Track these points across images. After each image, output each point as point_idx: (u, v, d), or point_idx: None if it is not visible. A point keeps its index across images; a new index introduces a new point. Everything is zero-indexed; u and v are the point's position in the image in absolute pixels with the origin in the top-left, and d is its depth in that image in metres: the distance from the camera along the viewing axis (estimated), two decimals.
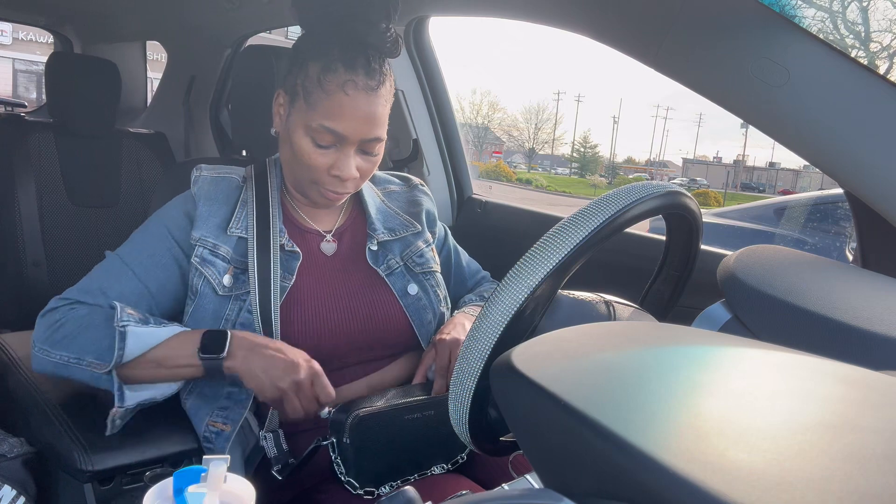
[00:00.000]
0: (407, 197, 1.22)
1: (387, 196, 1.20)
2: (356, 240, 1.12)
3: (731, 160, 63.61)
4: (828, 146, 0.91)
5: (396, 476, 0.97)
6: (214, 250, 1.00)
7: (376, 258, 1.10)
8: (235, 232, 1.02)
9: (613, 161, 64.56)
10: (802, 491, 0.29)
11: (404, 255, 1.13)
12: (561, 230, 0.61)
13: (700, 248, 0.80)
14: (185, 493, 0.68)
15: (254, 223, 1.03)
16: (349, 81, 0.94)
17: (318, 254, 1.08)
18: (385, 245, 1.12)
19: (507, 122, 61.64)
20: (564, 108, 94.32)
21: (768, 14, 0.90)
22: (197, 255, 1.00)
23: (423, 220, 1.19)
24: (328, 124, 0.95)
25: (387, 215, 1.16)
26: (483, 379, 0.59)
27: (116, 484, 0.91)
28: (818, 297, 0.68)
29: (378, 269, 1.09)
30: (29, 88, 21.52)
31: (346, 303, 1.05)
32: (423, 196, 1.23)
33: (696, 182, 47.05)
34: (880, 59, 16.16)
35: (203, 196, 1.04)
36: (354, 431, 0.92)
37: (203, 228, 1.01)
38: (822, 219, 3.49)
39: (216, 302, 0.99)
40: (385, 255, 1.11)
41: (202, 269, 1.00)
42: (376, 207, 1.16)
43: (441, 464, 1.01)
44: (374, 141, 0.99)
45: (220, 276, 1.00)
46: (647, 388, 0.39)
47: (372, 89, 0.96)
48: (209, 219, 1.02)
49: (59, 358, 0.94)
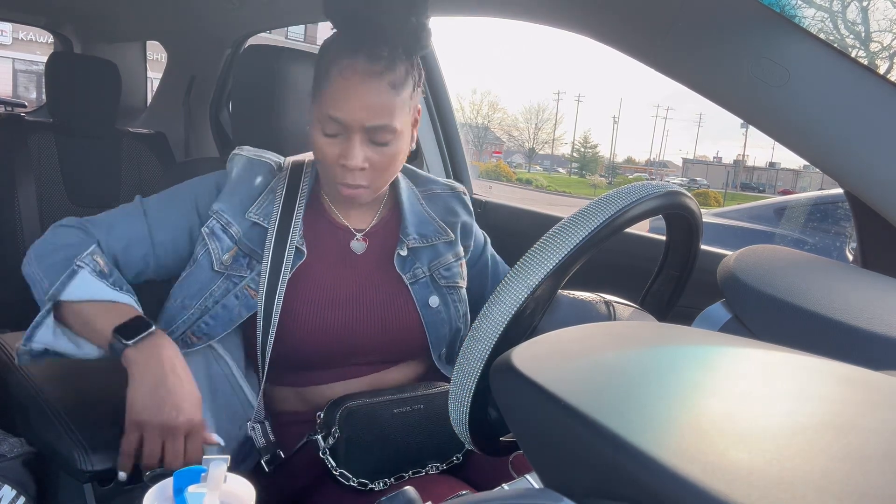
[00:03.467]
0: (446, 203, 1.19)
1: (427, 198, 1.17)
2: (388, 241, 1.11)
3: (731, 160, 63.64)
4: (828, 146, 0.91)
5: (389, 472, 0.97)
6: (226, 227, 1.02)
7: (404, 264, 1.08)
8: (252, 217, 1.03)
9: (613, 161, 64.56)
10: (802, 491, 0.29)
11: (432, 265, 1.11)
12: (561, 230, 0.61)
13: (700, 248, 0.80)
14: (185, 493, 0.68)
15: (277, 211, 1.03)
16: (348, 66, 0.93)
17: (347, 252, 1.07)
18: (415, 252, 1.10)
19: (507, 122, 61.67)
20: (564, 108, 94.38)
21: (768, 14, 0.89)
22: (208, 226, 1.02)
23: (458, 230, 1.17)
24: (330, 111, 0.95)
25: (422, 219, 1.13)
26: (483, 379, 0.59)
27: (116, 484, 0.91)
28: (818, 297, 0.68)
29: (403, 277, 1.08)
30: (29, 88, 21.52)
31: (365, 303, 1.04)
32: (462, 206, 1.20)
33: (696, 182, 47.05)
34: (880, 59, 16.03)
35: (235, 174, 1.06)
36: (345, 423, 0.94)
37: (224, 203, 1.03)
38: (822, 219, 3.49)
39: (209, 276, 1.01)
40: (413, 262, 1.09)
41: (208, 240, 1.01)
42: (412, 209, 1.14)
43: (436, 463, 1.01)
44: (380, 129, 0.95)
45: (222, 253, 1.01)
46: (647, 389, 0.39)
47: (374, 74, 0.93)
48: (233, 196, 1.04)
49: (30, 271, 0.97)
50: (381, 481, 0.96)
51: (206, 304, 1.00)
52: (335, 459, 0.95)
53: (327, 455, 0.95)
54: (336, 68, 0.94)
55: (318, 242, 1.06)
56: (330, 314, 1.02)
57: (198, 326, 1.00)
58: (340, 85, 0.94)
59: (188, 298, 1.01)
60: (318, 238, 1.06)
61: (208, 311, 1.00)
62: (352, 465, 0.95)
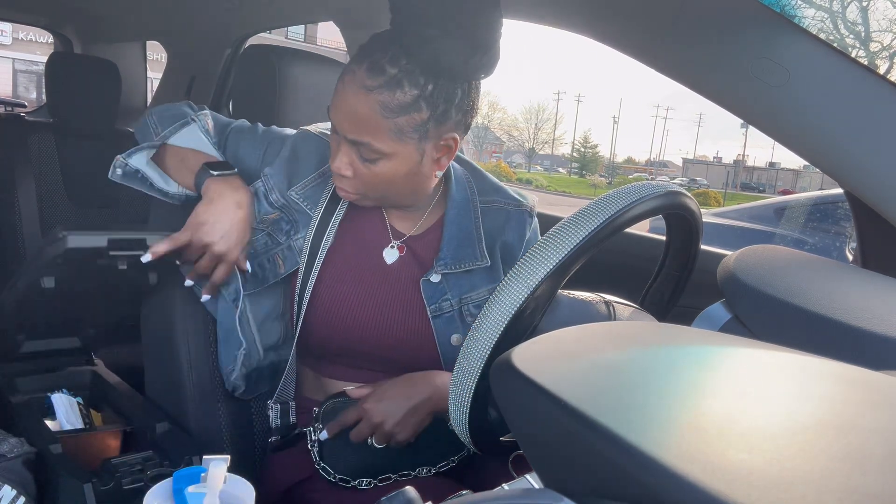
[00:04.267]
0: (505, 221, 1.08)
1: (485, 211, 1.07)
2: (426, 255, 1.04)
3: (731, 160, 63.66)
4: (828, 146, 0.91)
5: (373, 472, 0.97)
6: (268, 193, 1.03)
7: (433, 292, 1.02)
8: (294, 196, 1.03)
9: (613, 161, 64.58)
10: (802, 491, 0.29)
11: (464, 298, 1.03)
12: (561, 230, 0.61)
13: (700, 248, 0.80)
14: (185, 493, 0.68)
15: (326, 198, 1.03)
16: (349, 71, 0.91)
17: (379, 258, 1.04)
18: (448, 279, 1.02)
19: (507, 121, 61.66)
20: (564, 108, 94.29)
21: (768, 14, 0.89)
22: (254, 186, 1.04)
23: (498, 254, 1.07)
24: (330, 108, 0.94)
25: (466, 236, 1.04)
26: (483, 379, 0.59)
27: (116, 484, 0.91)
28: (818, 297, 0.68)
29: (427, 309, 1.01)
30: (29, 88, 21.52)
31: (382, 321, 1.01)
32: (519, 226, 1.09)
33: (696, 182, 47.05)
34: (880, 59, 16.04)
35: (293, 146, 1.05)
36: (326, 418, 0.95)
37: (275, 168, 1.04)
38: (822, 219, 3.49)
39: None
40: (443, 291, 1.02)
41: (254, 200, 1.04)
42: (459, 223, 1.04)
43: (426, 467, 1.00)
44: (361, 146, 0.91)
45: (260, 213, 1.03)
46: (647, 389, 0.39)
47: (366, 88, 0.88)
48: (286, 166, 1.04)
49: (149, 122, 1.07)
50: (366, 480, 0.96)
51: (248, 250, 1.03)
52: (320, 454, 0.96)
53: (314, 448, 0.96)
54: (346, 67, 0.93)
55: (358, 237, 1.04)
56: (347, 315, 1.01)
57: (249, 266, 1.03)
58: (338, 87, 0.92)
59: None
60: (359, 233, 1.04)
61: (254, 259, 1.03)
62: (332, 460, 0.96)
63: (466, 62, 0.87)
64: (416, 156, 0.93)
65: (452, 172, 1.07)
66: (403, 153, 0.92)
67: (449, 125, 0.92)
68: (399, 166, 0.93)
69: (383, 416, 0.94)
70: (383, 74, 0.88)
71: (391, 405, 0.94)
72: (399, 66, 0.87)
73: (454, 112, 0.91)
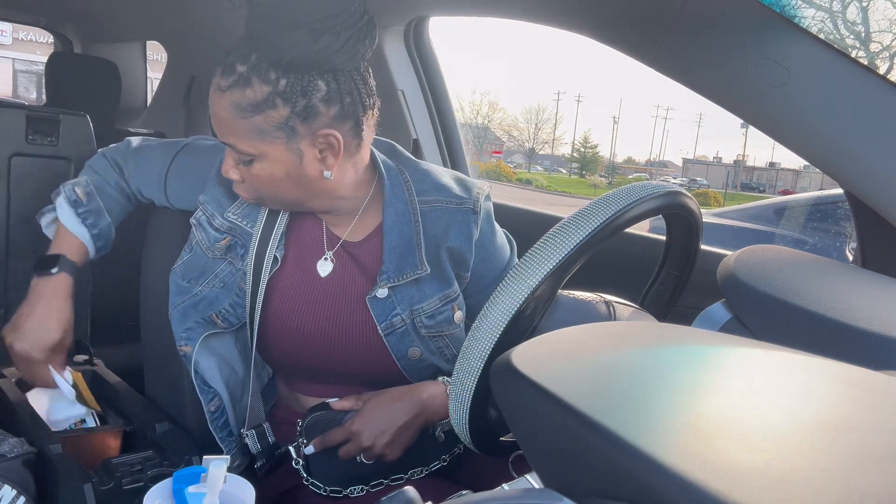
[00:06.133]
0: (448, 223, 1.00)
1: (426, 213, 1.00)
2: (367, 267, 0.99)
3: (731, 160, 63.61)
4: (828, 146, 0.91)
5: (362, 479, 0.96)
6: (211, 219, 1.00)
7: (380, 309, 0.97)
8: (231, 217, 0.99)
9: (613, 161, 64.54)
10: (802, 491, 0.29)
11: (415, 310, 0.98)
12: (561, 230, 0.61)
13: (700, 248, 0.80)
14: (185, 493, 0.68)
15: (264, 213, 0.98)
16: (215, 74, 0.90)
17: (311, 271, 0.99)
18: (396, 291, 0.97)
19: (507, 121, 61.64)
20: (564, 108, 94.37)
21: (768, 14, 0.89)
22: (196, 217, 1.02)
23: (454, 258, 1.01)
24: None
25: (407, 244, 0.97)
26: (483, 379, 0.59)
27: (116, 484, 0.91)
28: (818, 297, 0.68)
29: (378, 327, 0.97)
30: (29, 88, 21.51)
31: (331, 338, 0.97)
32: (466, 228, 1.01)
33: (696, 182, 47.02)
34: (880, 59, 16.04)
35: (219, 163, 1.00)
36: (309, 433, 0.94)
37: (209, 194, 1.01)
38: (822, 219, 3.49)
39: (207, 261, 1.01)
40: (391, 307, 0.97)
41: (195, 231, 1.02)
42: (399, 230, 0.97)
43: (417, 468, 0.99)
44: (231, 147, 0.90)
45: (210, 242, 1.00)
46: (647, 389, 0.39)
47: (220, 89, 0.87)
48: (219, 187, 1.01)
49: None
50: (358, 488, 0.96)
51: (215, 286, 1.00)
52: (307, 469, 0.95)
53: (300, 466, 0.95)
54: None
55: (300, 248, 1.01)
56: (296, 333, 0.98)
57: (220, 312, 1.00)
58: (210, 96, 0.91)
59: (193, 279, 1.02)
60: (301, 243, 1.01)
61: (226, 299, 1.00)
62: (320, 474, 0.94)
63: (311, 51, 0.83)
64: (291, 156, 0.89)
65: (384, 171, 1.01)
66: (274, 153, 0.88)
67: (321, 121, 0.87)
68: (275, 167, 0.89)
69: (372, 438, 0.91)
70: (233, 73, 0.86)
71: (380, 426, 0.92)
72: (248, 63, 0.85)
73: (322, 107, 0.86)
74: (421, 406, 0.94)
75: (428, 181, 1.03)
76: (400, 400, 0.94)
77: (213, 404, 1.02)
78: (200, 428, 1.06)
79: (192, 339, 0.98)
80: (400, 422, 0.92)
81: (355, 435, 0.92)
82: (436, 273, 0.99)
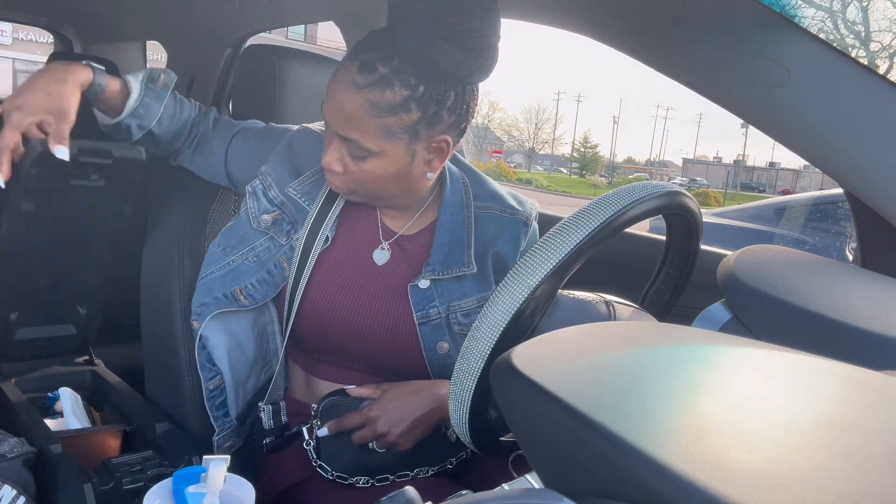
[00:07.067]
0: (498, 230, 1.06)
1: (479, 218, 1.05)
2: (417, 258, 1.03)
3: (731, 160, 63.63)
4: (828, 146, 0.91)
5: (371, 471, 0.96)
6: (267, 190, 1.02)
7: (420, 298, 0.99)
8: (291, 193, 1.02)
9: (613, 161, 64.56)
10: (802, 491, 0.29)
11: (452, 306, 1.01)
12: (561, 230, 0.61)
13: (700, 248, 0.80)
14: (185, 493, 0.68)
15: (322, 195, 1.02)
16: (342, 67, 0.91)
17: (368, 259, 1.02)
18: (437, 285, 1.00)
19: (507, 121, 61.66)
20: (564, 108, 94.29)
21: (768, 14, 0.89)
22: (252, 185, 1.04)
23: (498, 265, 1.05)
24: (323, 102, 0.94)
25: (456, 242, 1.02)
26: (483, 379, 0.59)
27: (116, 484, 0.91)
28: (818, 297, 0.68)
29: (414, 315, 0.99)
30: None
31: (368, 324, 1.00)
32: (515, 238, 1.07)
33: (696, 182, 47.03)
34: (880, 59, 16.05)
35: (290, 142, 1.06)
36: (324, 416, 0.95)
37: (272, 165, 1.03)
38: (822, 219, 3.49)
39: (249, 231, 1.03)
40: (430, 298, 1.00)
41: (248, 199, 1.04)
42: (451, 228, 1.02)
43: (424, 468, 0.99)
44: (351, 143, 0.91)
45: (259, 213, 1.02)
46: (647, 389, 0.39)
47: (356, 85, 0.88)
48: (284, 162, 1.04)
49: None
50: (363, 479, 0.96)
51: (248, 258, 1.02)
52: (317, 452, 0.96)
53: (310, 447, 0.96)
54: (340, 63, 0.93)
55: (351, 235, 1.03)
56: (335, 315, 1.00)
57: (245, 287, 1.01)
58: (330, 82, 0.93)
59: (229, 247, 1.03)
60: (352, 230, 1.03)
61: (255, 274, 1.01)
62: (330, 458, 0.95)
63: (459, 65, 0.86)
64: (406, 156, 0.92)
65: (448, 175, 1.06)
66: (392, 153, 0.91)
67: (441, 127, 0.92)
68: (388, 165, 0.92)
69: (388, 425, 0.93)
70: (374, 73, 0.87)
71: (397, 415, 0.94)
72: (391, 65, 0.87)
73: (446, 114, 0.91)
74: (438, 402, 0.96)
75: (485, 188, 1.09)
76: (419, 393, 0.96)
77: (212, 383, 1.04)
78: (200, 428, 1.06)
79: (201, 316, 1.01)
80: (417, 414, 0.94)
81: (372, 420, 0.94)
82: (479, 274, 1.03)
